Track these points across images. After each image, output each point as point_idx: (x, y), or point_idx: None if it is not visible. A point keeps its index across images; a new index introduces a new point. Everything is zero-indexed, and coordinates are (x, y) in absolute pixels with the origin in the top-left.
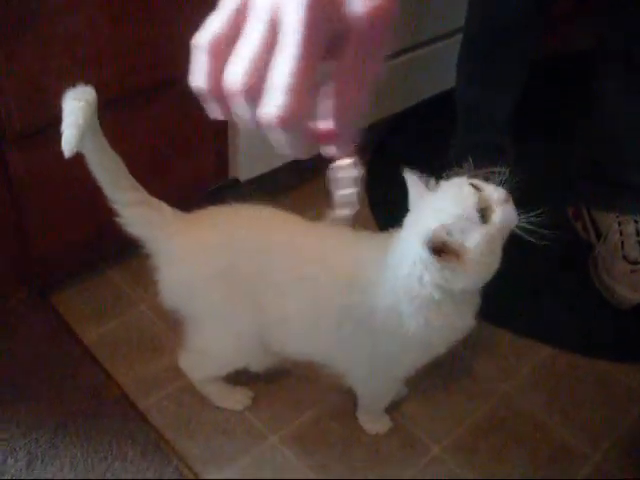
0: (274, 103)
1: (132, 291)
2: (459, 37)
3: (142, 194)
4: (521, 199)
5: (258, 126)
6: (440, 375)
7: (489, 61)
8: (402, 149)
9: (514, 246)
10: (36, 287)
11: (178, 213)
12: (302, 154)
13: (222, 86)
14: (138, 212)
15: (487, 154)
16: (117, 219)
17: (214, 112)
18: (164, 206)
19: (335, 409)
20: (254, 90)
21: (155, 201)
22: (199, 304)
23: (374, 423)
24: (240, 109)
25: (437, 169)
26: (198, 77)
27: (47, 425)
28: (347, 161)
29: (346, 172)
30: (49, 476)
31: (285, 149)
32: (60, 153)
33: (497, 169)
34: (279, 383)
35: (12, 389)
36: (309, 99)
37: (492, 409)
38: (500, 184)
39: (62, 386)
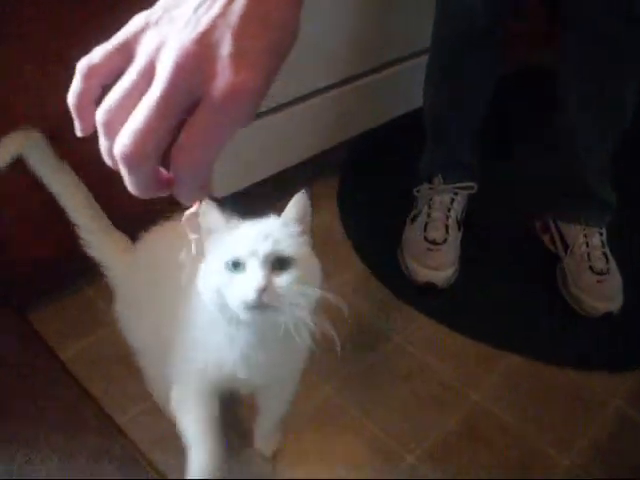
0: (120, 141)
1: (108, 307)
2: (426, 56)
3: (104, 222)
4: (489, 212)
5: (112, 161)
6: (410, 385)
7: (455, 76)
8: (372, 166)
9: (482, 259)
10: (12, 305)
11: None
12: (142, 194)
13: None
14: (97, 238)
15: (455, 170)
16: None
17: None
18: (122, 238)
19: None
20: (112, 127)
21: (115, 232)
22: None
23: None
24: (101, 143)
25: (407, 185)
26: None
27: (24, 440)
28: (191, 210)
29: (190, 220)
30: None
31: (128, 186)
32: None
33: (465, 184)
34: None
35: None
36: (153, 146)
37: (462, 417)
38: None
39: (39, 402)
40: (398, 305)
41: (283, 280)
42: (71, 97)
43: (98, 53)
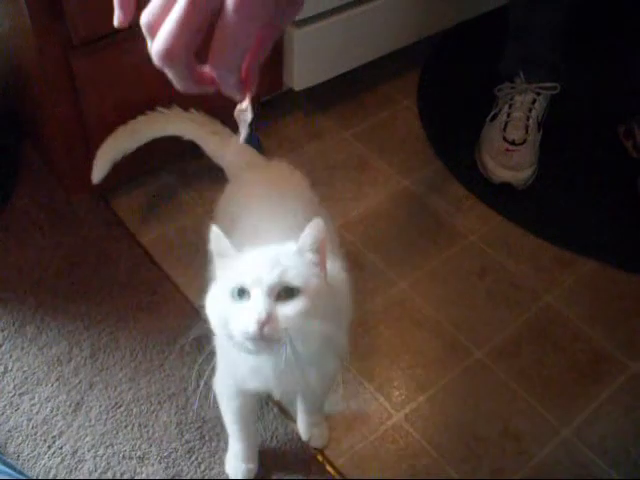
0: (155, 42)
1: (188, 196)
2: None
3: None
4: (571, 114)
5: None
6: (483, 284)
7: None
8: (454, 63)
9: (561, 162)
10: (96, 190)
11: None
12: (185, 89)
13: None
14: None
15: (539, 69)
16: None
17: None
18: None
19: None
20: (154, 29)
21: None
22: None
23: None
24: (148, 44)
25: (488, 83)
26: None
27: (108, 320)
28: (242, 105)
29: (241, 115)
30: (112, 364)
31: (173, 82)
32: (120, 59)
33: (548, 84)
34: None
35: (74, 285)
36: (182, 45)
37: (534, 318)
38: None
39: (122, 283)
40: (474, 204)
41: (287, 310)
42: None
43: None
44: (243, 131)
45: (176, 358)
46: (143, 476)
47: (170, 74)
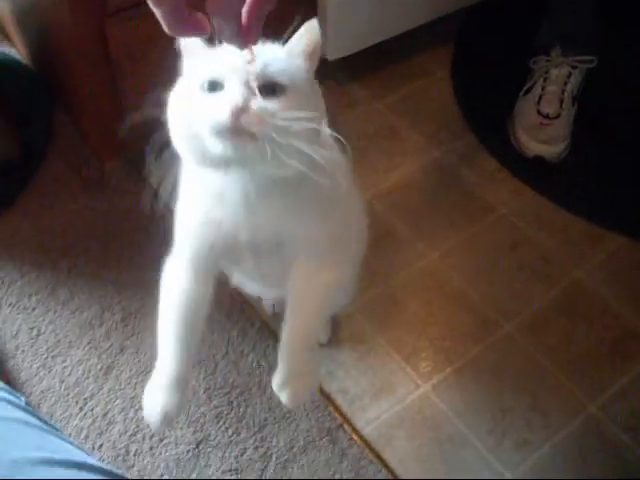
0: None
1: None
2: None
3: None
4: (607, 88)
5: None
6: (513, 258)
7: None
8: (489, 35)
9: (596, 136)
10: (129, 157)
11: None
12: (173, 32)
13: None
14: None
15: (575, 42)
16: None
17: None
18: None
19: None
20: None
21: None
22: None
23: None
24: None
25: (523, 56)
26: None
27: (139, 285)
28: (247, 58)
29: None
30: (143, 328)
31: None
32: (154, 26)
33: (584, 58)
34: None
35: (105, 250)
36: None
37: (564, 292)
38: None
39: (152, 248)
40: (506, 177)
41: (269, 105)
42: None
43: None
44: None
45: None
46: (172, 439)
47: (158, 14)
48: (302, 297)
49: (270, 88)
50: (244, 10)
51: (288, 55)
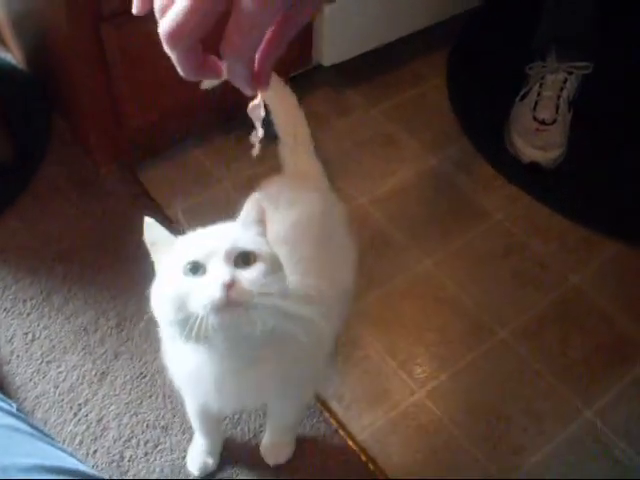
0: (164, 21)
1: (215, 169)
2: None
3: None
4: (603, 93)
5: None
6: (509, 264)
7: None
8: (485, 41)
9: (592, 142)
10: (125, 162)
11: None
12: (187, 75)
13: None
14: None
15: (571, 48)
16: None
17: None
18: None
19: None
20: (163, 10)
21: None
22: None
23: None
24: (160, 26)
25: (519, 62)
26: None
27: (134, 290)
28: (255, 101)
29: (253, 111)
30: (137, 334)
31: (176, 66)
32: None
33: (580, 64)
34: None
35: (101, 255)
36: (191, 26)
37: (559, 298)
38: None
39: (147, 254)
40: (502, 183)
41: (249, 274)
42: None
43: None
44: (259, 127)
45: None
46: (167, 445)
47: (173, 57)
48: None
49: (244, 258)
50: (257, 54)
51: (245, 227)
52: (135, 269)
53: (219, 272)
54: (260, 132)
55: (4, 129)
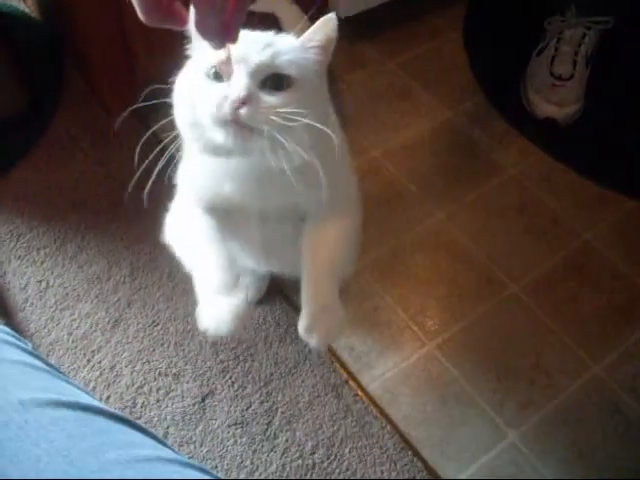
0: None
1: None
2: None
3: None
4: (622, 49)
5: None
6: (522, 219)
7: None
8: None
9: (608, 99)
10: (139, 113)
11: None
12: (149, 21)
13: None
14: None
15: (590, 2)
16: None
17: None
18: None
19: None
20: None
21: None
22: None
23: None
24: None
25: (538, 16)
26: None
27: (147, 240)
28: (222, 56)
29: (223, 67)
30: (150, 283)
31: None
32: None
33: (599, 19)
34: None
35: (114, 205)
36: None
37: (571, 254)
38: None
39: (160, 204)
40: (516, 138)
41: (272, 99)
42: None
43: None
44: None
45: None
46: (178, 392)
47: (135, 1)
48: (318, 244)
49: (277, 80)
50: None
51: (302, 48)
52: (148, 219)
53: (236, 85)
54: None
55: (17, 79)
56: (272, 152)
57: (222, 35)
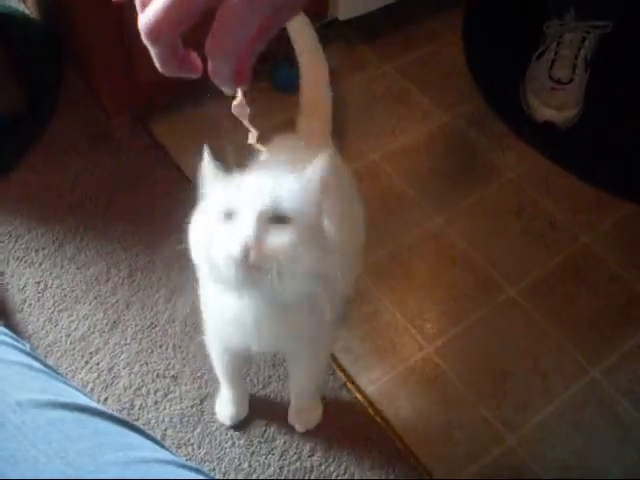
0: (145, 15)
1: (228, 122)
2: None
3: None
4: (621, 53)
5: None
6: (520, 223)
7: None
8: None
9: (607, 103)
10: (137, 114)
11: None
12: (166, 71)
13: None
14: None
15: (589, 6)
16: None
17: None
18: None
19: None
20: (144, 2)
21: None
22: None
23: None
24: (139, 18)
25: (536, 20)
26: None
27: (146, 241)
28: (236, 100)
29: (237, 111)
30: (148, 285)
31: (154, 61)
32: None
33: (599, 23)
34: None
35: (112, 207)
36: (171, 23)
37: (569, 258)
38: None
39: (159, 206)
40: (515, 142)
41: (278, 238)
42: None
43: None
44: (249, 126)
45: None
46: (176, 394)
47: (152, 52)
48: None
49: (278, 218)
50: None
51: (302, 189)
52: (147, 220)
53: (245, 230)
54: (253, 130)
55: (16, 79)
56: (279, 281)
57: (234, 81)
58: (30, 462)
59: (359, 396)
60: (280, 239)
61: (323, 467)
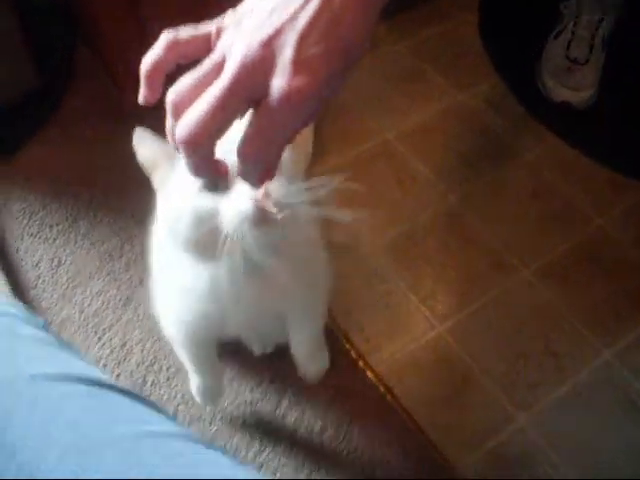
0: (180, 125)
1: None
2: None
3: None
4: (637, 37)
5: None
6: (535, 204)
7: None
8: None
9: (624, 84)
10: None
11: None
12: (198, 175)
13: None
14: None
15: None
16: None
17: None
18: None
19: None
20: (179, 109)
21: None
22: None
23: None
24: (167, 121)
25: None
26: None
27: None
28: (259, 193)
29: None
30: None
31: (186, 166)
32: None
33: (617, 2)
34: None
35: (126, 183)
36: (209, 135)
37: (585, 240)
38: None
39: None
40: (531, 122)
41: (276, 185)
42: (147, 62)
43: (186, 32)
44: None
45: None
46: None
47: (186, 159)
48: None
49: None
50: None
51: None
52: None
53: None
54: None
55: (29, 56)
56: (295, 234)
57: (261, 181)
58: (43, 434)
59: (370, 374)
60: (278, 186)
61: (334, 445)
